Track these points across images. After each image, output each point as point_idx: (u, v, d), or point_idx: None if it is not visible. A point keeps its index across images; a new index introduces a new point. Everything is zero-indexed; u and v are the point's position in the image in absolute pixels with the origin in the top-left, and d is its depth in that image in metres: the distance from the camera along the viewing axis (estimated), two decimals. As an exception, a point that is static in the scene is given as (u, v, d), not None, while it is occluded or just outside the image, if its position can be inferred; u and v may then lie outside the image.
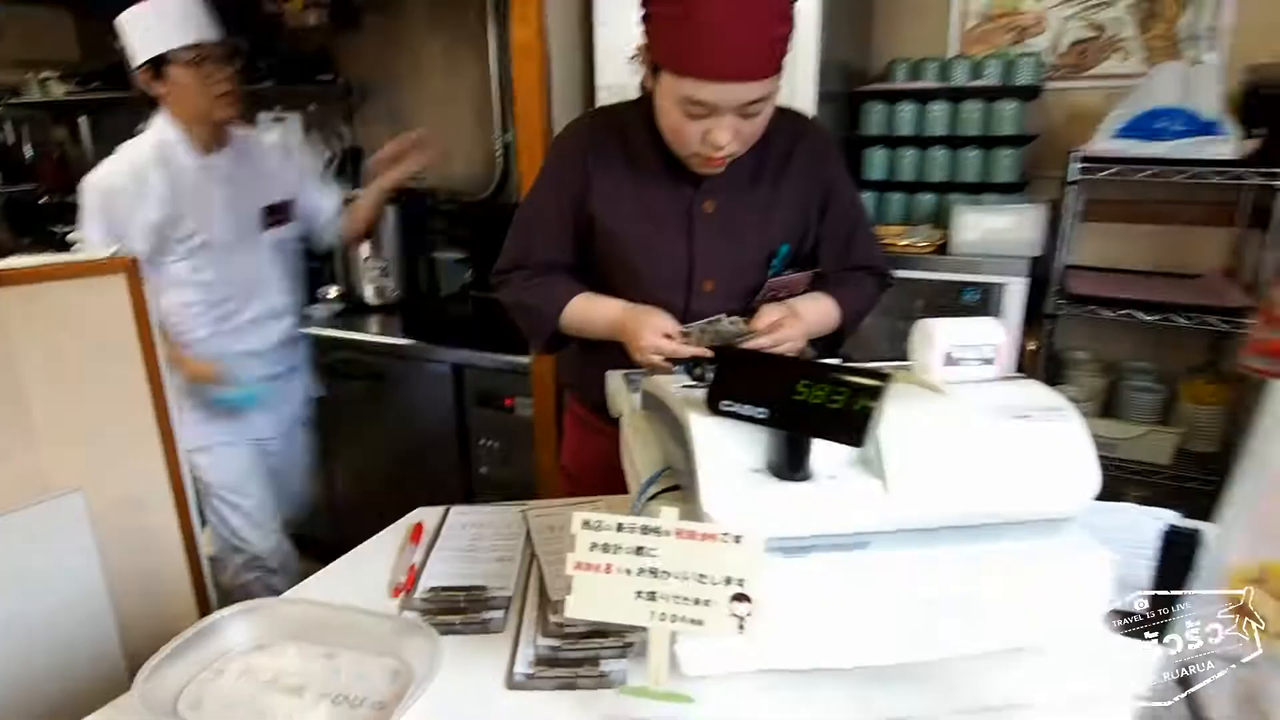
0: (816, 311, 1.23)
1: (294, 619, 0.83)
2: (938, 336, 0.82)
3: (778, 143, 1.20)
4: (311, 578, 0.94)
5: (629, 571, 0.70)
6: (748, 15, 0.97)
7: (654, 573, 0.69)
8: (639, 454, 0.97)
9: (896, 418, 0.75)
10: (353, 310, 2.75)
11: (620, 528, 0.70)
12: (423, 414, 2.45)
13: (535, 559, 0.98)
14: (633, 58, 1.08)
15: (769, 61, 1.01)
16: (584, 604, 0.70)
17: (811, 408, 0.69)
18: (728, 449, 0.75)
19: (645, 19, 1.04)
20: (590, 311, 1.22)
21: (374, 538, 1.03)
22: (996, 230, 1.86)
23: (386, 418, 2.52)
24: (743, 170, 1.18)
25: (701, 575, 0.68)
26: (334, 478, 2.72)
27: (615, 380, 1.22)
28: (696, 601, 0.69)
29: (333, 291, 2.77)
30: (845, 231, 1.29)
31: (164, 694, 0.73)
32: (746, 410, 0.72)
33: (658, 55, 1.03)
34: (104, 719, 0.72)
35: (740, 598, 0.68)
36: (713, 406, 0.74)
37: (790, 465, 0.73)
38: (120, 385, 1.54)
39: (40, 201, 3.74)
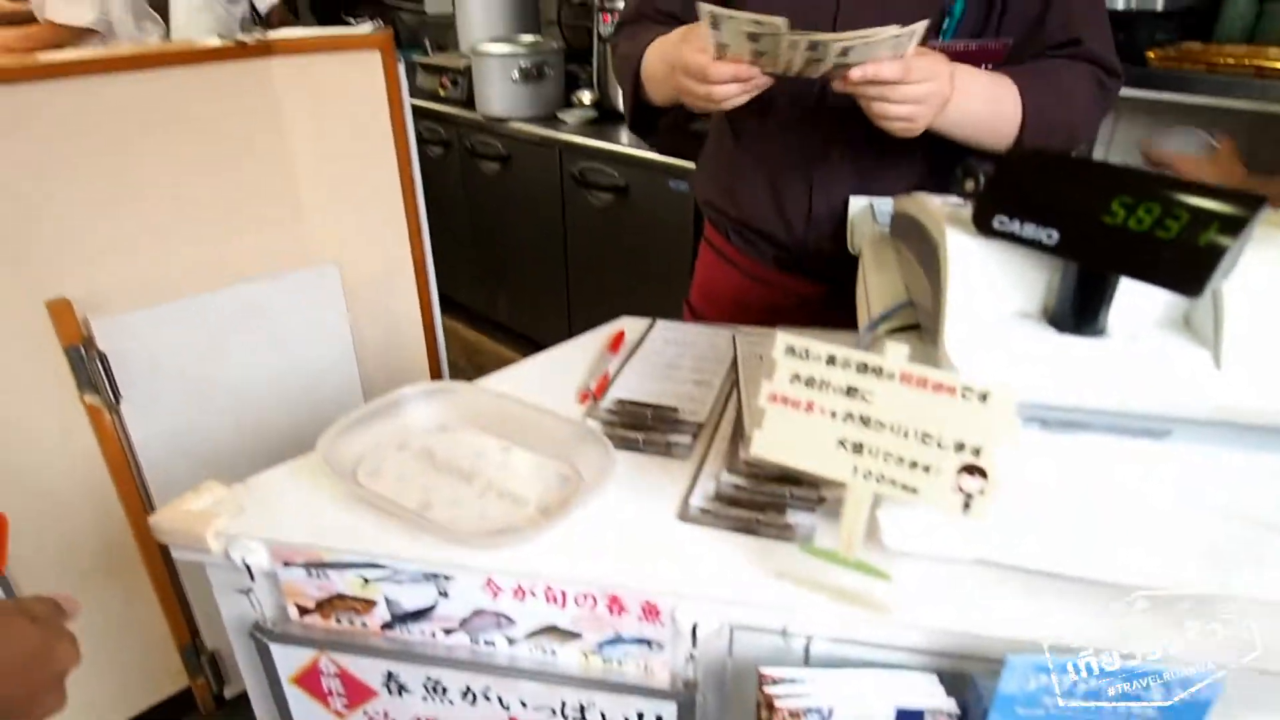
0: (977, 88, 0.88)
1: (477, 407, 0.80)
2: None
3: None
4: (505, 370, 0.90)
5: (834, 414, 0.56)
6: None
7: (865, 421, 0.55)
8: (874, 284, 0.80)
9: (1257, 266, 0.52)
10: (604, 119, 2.68)
11: (832, 361, 0.56)
12: (660, 232, 2.38)
13: (737, 388, 0.87)
14: None
15: None
16: (773, 443, 0.59)
17: (1129, 235, 0.49)
18: (992, 281, 0.57)
19: None
20: (662, 47, 0.96)
21: (573, 340, 0.97)
22: None
23: (627, 232, 2.49)
24: None
25: (926, 435, 0.53)
26: (568, 284, 2.79)
27: (857, 206, 1.03)
28: (914, 465, 0.54)
29: (586, 97, 2.70)
30: None
31: (345, 458, 0.73)
32: (1029, 231, 0.53)
33: None
34: (289, 471, 0.73)
35: (973, 470, 0.52)
36: (981, 223, 0.55)
37: (1079, 314, 0.54)
38: (374, 167, 1.59)
39: (341, -4, 3.99)
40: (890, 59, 0.77)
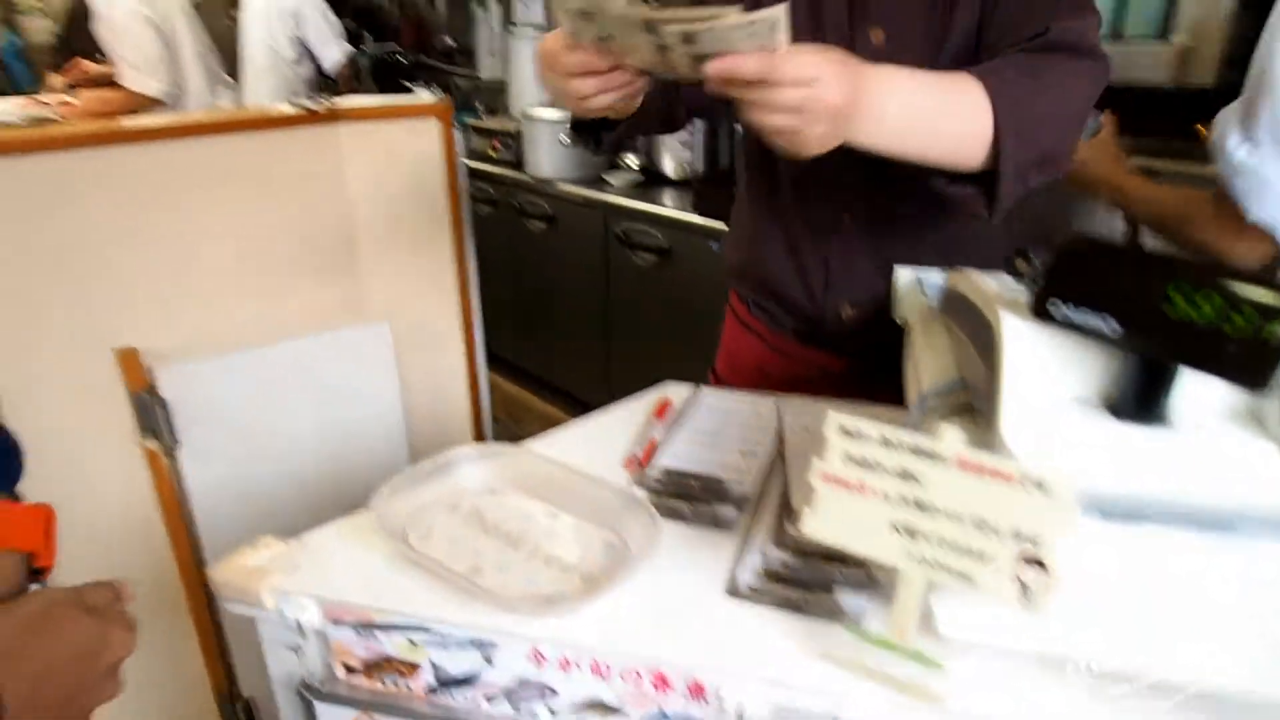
0: (910, 91, 0.74)
1: (526, 471, 0.81)
2: None
3: None
4: (552, 433, 0.91)
5: (887, 497, 0.56)
6: None
7: (919, 505, 0.55)
8: (924, 361, 0.80)
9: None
10: (650, 182, 2.74)
11: (886, 442, 0.56)
12: (702, 293, 2.40)
13: (782, 459, 0.87)
14: None
15: None
16: (825, 524, 0.58)
17: (1193, 329, 0.49)
18: (1049, 366, 0.57)
19: None
20: None
21: (618, 405, 0.98)
22: None
23: (668, 293, 2.52)
24: None
25: (982, 521, 0.53)
26: (609, 341, 2.82)
27: (904, 277, 1.04)
28: (969, 552, 0.54)
29: (632, 161, 2.77)
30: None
31: (398, 516, 0.74)
32: (1089, 320, 0.53)
33: None
34: (342, 529, 0.74)
35: (1032, 560, 0.52)
36: (1038, 308, 0.56)
37: (1141, 402, 0.54)
38: (428, 227, 1.64)
39: (400, 60, 4.17)
40: (756, 53, 0.64)
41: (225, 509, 1.44)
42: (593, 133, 0.96)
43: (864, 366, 1.08)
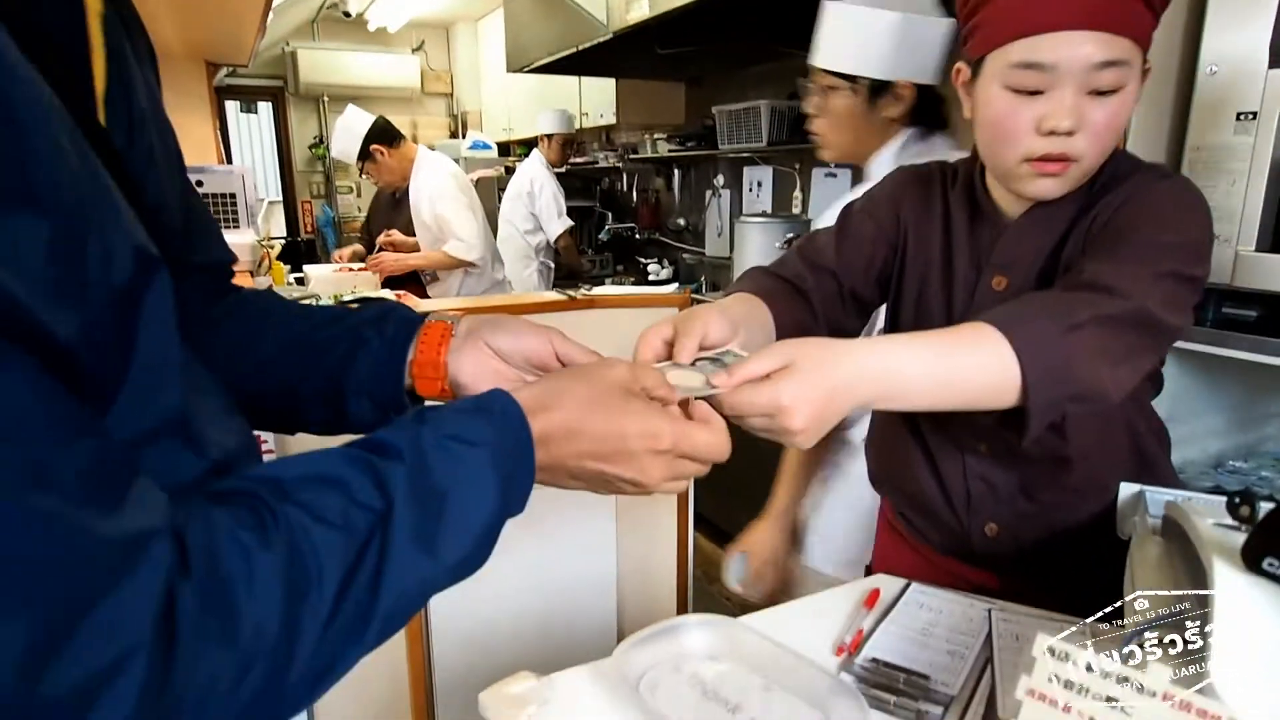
0: (911, 352, 0.75)
1: (745, 643, 0.90)
2: None
3: (1104, 201, 0.92)
4: (767, 611, 1.00)
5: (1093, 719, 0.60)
6: None
7: (1126, 734, 0.58)
8: (1141, 585, 0.82)
9: None
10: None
11: (1090, 669, 0.60)
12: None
13: (991, 665, 0.90)
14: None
15: (1125, 12, 0.80)
16: (1030, 738, 0.63)
17: None
18: (1264, 622, 0.59)
19: (966, 10, 0.90)
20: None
21: (829, 591, 1.05)
22: None
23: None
24: (1048, 234, 0.95)
25: (1191, 761, 0.55)
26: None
27: (1127, 492, 1.05)
28: (1177, 788, 0.56)
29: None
30: (1100, 248, 0.87)
31: (632, 670, 0.86)
32: (1301, 578, 0.56)
33: (980, 42, 0.89)
34: (587, 674, 0.87)
35: (1243, 809, 0.53)
36: (1251, 562, 0.59)
37: (1361, 667, 0.55)
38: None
39: (636, 237, 4.66)
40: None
41: (459, 630, 1.62)
42: None
43: (1019, 584, 1.07)
